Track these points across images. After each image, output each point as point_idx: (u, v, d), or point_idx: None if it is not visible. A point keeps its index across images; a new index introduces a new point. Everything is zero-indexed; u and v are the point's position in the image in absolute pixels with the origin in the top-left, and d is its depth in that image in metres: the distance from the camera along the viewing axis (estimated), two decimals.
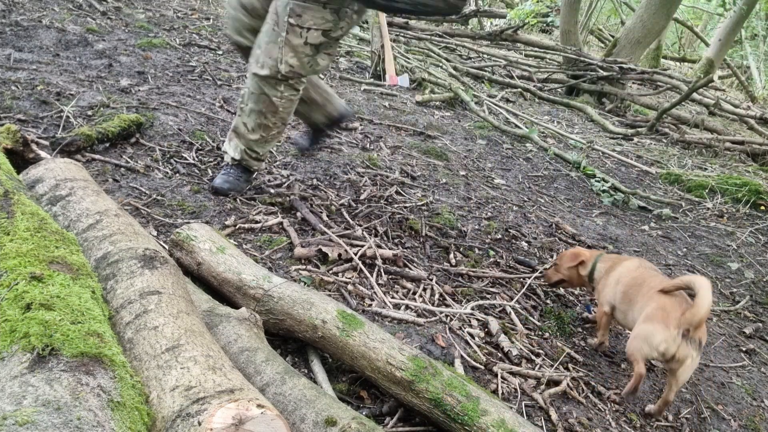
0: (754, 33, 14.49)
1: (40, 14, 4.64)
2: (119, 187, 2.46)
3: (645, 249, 3.43)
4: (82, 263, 1.32)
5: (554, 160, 4.70)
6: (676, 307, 1.95)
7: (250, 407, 1.02)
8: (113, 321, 1.27)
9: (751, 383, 2.42)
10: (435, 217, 3.01)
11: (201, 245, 1.89)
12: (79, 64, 3.80)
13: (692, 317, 1.88)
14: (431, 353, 1.89)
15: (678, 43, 16.20)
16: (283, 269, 2.17)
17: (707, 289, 1.88)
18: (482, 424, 1.42)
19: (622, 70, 7.38)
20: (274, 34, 2.31)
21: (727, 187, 4.67)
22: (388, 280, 2.32)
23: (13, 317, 1.06)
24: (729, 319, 2.88)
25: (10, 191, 1.49)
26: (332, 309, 1.67)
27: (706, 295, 1.87)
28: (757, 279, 3.38)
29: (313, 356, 1.72)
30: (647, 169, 5.05)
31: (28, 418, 0.84)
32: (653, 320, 1.95)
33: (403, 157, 3.87)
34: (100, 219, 1.60)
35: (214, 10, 6.77)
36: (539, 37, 10.68)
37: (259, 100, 2.45)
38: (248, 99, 2.47)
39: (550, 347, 2.22)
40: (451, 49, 8.15)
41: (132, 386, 1.06)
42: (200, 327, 1.30)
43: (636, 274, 2.19)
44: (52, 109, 2.97)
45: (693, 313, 1.88)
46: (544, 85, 7.77)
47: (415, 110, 5.07)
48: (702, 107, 7.53)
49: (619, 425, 1.93)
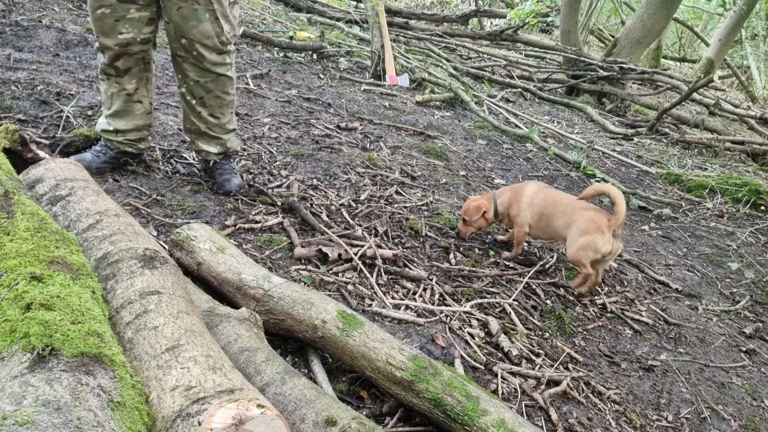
0: (754, 33, 14.49)
1: (40, 14, 4.64)
2: (119, 187, 2.46)
3: (645, 249, 3.43)
4: (82, 263, 1.32)
5: (554, 160, 4.70)
6: (601, 216, 2.49)
7: (250, 407, 1.02)
8: (113, 321, 1.27)
9: (751, 383, 2.42)
10: (435, 217, 3.01)
11: (201, 245, 1.89)
12: (79, 64, 3.80)
13: (617, 221, 2.45)
14: (431, 353, 1.89)
15: (678, 43, 16.20)
16: (283, 269, 2.17)
17: (621, 196, 2.44)
18: (482, 424, 1.42)
19: (622, 70, 7.38)
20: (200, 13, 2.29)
21: (727, 187, 4.67)
22: (388, 280, 2.32)
23: (13, 317, 1.06)
24: (729, 319, 2.88)
25: (10, 191, 1.49)
26: (332, 309, 1.67)
27: (621, 201, 2.43)
28: (757, 279, 3.37)
29: (313, 356, 1.72)
30: (647, 169, 5.05)
31: (28, 418, 0.84)
32: (590, 231, 2.47)
33: (403, 157, 3.87)
34: (100, 219, 1.60)
35: None
36: (539, 37, 10.69)
37: (216, 87, 2.46)
38: (201, 95, 2.47)
39: (550, 347, 2.22)
40: (451, 49, 8.15)
41: (132, 386, 1.06)
42: (200, 327, 1.30)
43: (543, 195, 2.68)
44: (52, 109, 2.97)
45: (617, 217, 2.44)
46: (544, 85, 7.77)
47: (415, 110, 5.07)
48: (702, 107, 7.53)
49: (619, 425, 1.93)
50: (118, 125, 2.48)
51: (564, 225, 2.58)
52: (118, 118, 2.47)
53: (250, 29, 5.95)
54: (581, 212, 2.53)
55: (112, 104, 2.46)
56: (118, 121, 2.48)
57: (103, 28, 2.28)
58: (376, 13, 6.04)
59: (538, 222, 2.67)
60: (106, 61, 2.36)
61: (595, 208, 2.58)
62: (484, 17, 9.55)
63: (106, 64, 2.36)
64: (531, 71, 8.08)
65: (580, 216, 2.52)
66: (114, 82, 2.40)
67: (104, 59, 2.35)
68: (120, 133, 2.49)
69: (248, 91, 4.27)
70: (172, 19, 2.30)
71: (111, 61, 2.35)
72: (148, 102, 2.52)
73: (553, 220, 2.62)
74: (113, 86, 2.41)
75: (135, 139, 2.54)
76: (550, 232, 2.68)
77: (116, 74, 2.38)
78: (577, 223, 2.52)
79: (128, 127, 2.49)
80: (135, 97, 2.46)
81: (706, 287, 3.17)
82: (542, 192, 2.69)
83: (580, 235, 2.49)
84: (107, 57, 2.34)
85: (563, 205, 2.61)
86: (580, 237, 2.49)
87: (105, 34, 2.29)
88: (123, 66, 2.36)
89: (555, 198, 2.66)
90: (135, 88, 2.44)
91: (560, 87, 8.00)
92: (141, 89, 2.46)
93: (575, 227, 2.52)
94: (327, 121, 4.10)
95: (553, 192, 2.71)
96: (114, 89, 2.42)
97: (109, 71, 2.38)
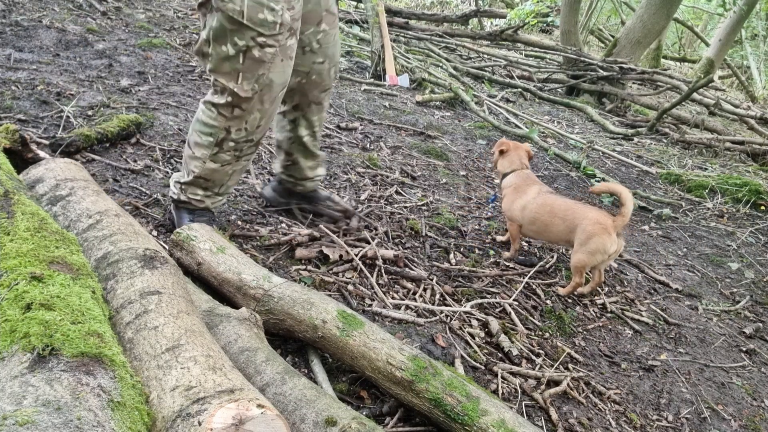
0: (754, 33, 14.49)
1: (40, 14, 4.64)
2: (119, 187, 2.46)
3: (645, 249, 3.43)
4: (82, 263, 1.32)
5: (554, 160, 4.70)
6: (605, 217, 2.48)
7: (251, 407, 1.02)
8: (113, 321, 1.27)
9: (751, 383, 2.41)
10: (435, 217, 3.01)
11: (201, 245, 1.89)
12: (79, 64, 3.80)
13: (623, 221, 2.44)
14: (431, 353, 1.89)
15: (678, 43, 16.20)
16: (283, 269, 2.17)
17: (630, 198, 2.44)
18: (482, 424, 1.42)
19: (622, 70, 7.38)
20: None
21: (727, 187, 4.67)
22: (389, 280, 2.32)
23: (13, 317, 1.06)
24: (729, 319, 2.88)
25: (10, 191, 1.49)
26: (332, 309, 1.67)
27: (630, 203, 2.42)
28: (757, 279, 3.37)
29: (313, 356, 1.72)
30: (647, 169, 5.05)
31: (28, 418, 0.84)
32: (598, 233, 2.45)
33: (403, 157, 3.87)
34: (100, 219, 1.60)
35: None
36: (539, 37, 10.68)
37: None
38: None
39: (550, 347, 2.22)
40: (451, 49, 8.15)
41: (132, 386, 1.06)
42: (200, 327, 1.30)
43: (540, 201, 2.64)
44: (53, 109, 2.97)
45: (623, 218, 2.43)
46: (544, 85, 7.76)
47: (415, 110, 5.07)
48: (702, 107, 7.53)
49: (619, 425, 1.93)
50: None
51: (567, 230, 2.55)
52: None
53: None
54: (583, 214, 2.51)
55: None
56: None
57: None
58: (376, 13, 6.04)
59: (530, 225, 2.67)
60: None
61: (596, 209, 2.57)
62: (484, 17, 9.55)
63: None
64: (531, 71, 8.08)
65: (584, 218, 2.50)
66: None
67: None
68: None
69: None
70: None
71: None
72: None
73: (552, 226, 2.60)
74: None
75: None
76: (550, 237, 2.67)
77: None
78: (582, 226, 2.49)
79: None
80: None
81: (706, 287, 3.17)
82: (540, 198, 2.66)
83: (587, 237, 2.47)
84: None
85: (562, 210, 2.57)
86: (588, 240, 2.46)
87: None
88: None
89: (551, 204, 2.62)
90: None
91: (560, 87, 7.99)
92: None
93: (581, 230, 2.49)
94: (327, 121, 4.10)
95: (550, 198, 2.66)
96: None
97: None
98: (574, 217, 2.52)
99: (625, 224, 2.46)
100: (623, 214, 2.43)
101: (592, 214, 2.50)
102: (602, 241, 2.44)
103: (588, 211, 2.53)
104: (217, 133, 2.03)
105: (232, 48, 1.86)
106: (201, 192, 2.16)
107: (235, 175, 2.20)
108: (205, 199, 2.18)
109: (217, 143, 2.05)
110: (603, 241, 2.44)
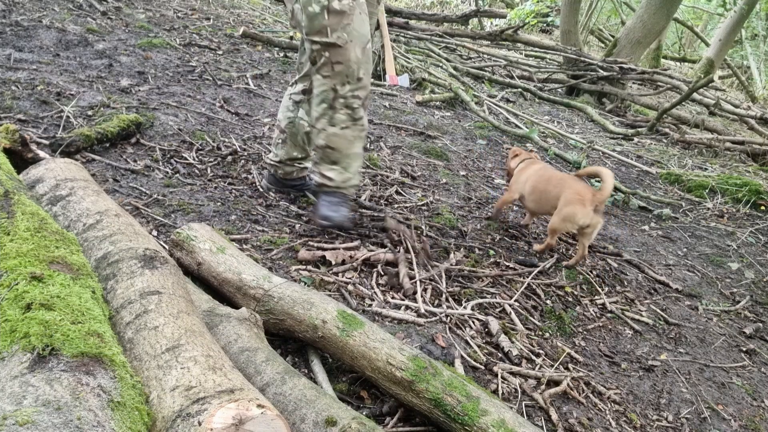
0: (754, 33, 14.49)
1: (40, 14, 4.64)
2: (119, 187, 2.46)
3: (645, 249, 3.43)
4: (82, 263, 1.32)
5: (554, 160, 4.70)
6: (587, 191, 2.64)
7: (251, 407, 1.02)
8: (113, 321, 1.27)
9: (751, 383, 2.41)
10: (435, 217, 3.01)
11: (201, 245, 1.89)
12: (79, 64, 3.80)
13: (601, 197, 2.60)
14: (431, 353, 1.89)
15: (678, 43, 16.20)
16: (283, 269, 2.17)
17: (611, 177, 2.59)
18: (482, 424, 1.42)
19: (622, 70, 7.38)
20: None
21: (727, 187, 4.67)
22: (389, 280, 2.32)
23: (13, 317, 1.06)
24: (729, 319, 2.88)
25: (10, 191, 1.49)
26: (332, 309, 1.67)
27: (610, 180, 2.58)
28: (757, 279, 3.37)
29: (313, 356, 1.72)
30: (647, 169, 5.05)
31: (29, 418, 0.84)
32: (573, 202, 2.62)
33: (403, 157, 3.87)
34: (100, 219, 1.60)
35: (214, 10, 6.77)
36: (539, 37, 10.68)
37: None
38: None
39: (550, 347, 2.22)
40: (452, 49, 8.14)
41: (132, 386, 1.06)
42: (200, 327, 1.30)
43: (541, 172, 2.86)
44: (53, 109, 2.97)
45: (602, 194, 2.60)
46: (545, 85, 7.76)
47: (415, 110, 5.07)
48: (702, 107, 7.53)
49: (619, 425, 1.93)
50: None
51: (555, 198, 2.75)
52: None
53: (250, 29, 5.95)
54: (569, 185, 2.70)
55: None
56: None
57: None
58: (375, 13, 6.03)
59: (530, 195, 2.88)
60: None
61: (584, 184, 2.73)
62: (484, 17, 9.55)
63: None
64: (531, 71, 8.08)
65: (568, 188, 2.69)
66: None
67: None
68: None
69: (248, 91, 4.27)
70: None
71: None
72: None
73: (546, 194, 2.81)
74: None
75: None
76: (545, 206, 2.84)
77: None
78: (564, 194, 2.68)
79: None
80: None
81: (706, 287, 3.17)
82: (542, 170, 2.90)
83: (564, 204, 2.66)
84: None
85: (555, 180, 2.79)
86: (564, 207, 2.66)
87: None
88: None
89: (549, 176, 2.85)
90: None
91: (560, 87, 7.99)
92: None
93: (563, 198, 2.69)
94: None
95: (549, 170, 2.92)
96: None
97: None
98: (562, 187, 2.72)
99: (602, 200, 2.62)
100: (603, 189, 2.61)
101: (577, 186, 2.68)
102: (575, 210, 2.61)
103: (575, 183, 2.71)
104: (326, 96, 2.28)
105: (317, 6, 2.16)
106: (330, 168, 2.40)
107: (356, 143, 2.39)
108: (335, 177, 2.42)
109: (330, 105, 2.30)
110: (575, 210, 2.61)
